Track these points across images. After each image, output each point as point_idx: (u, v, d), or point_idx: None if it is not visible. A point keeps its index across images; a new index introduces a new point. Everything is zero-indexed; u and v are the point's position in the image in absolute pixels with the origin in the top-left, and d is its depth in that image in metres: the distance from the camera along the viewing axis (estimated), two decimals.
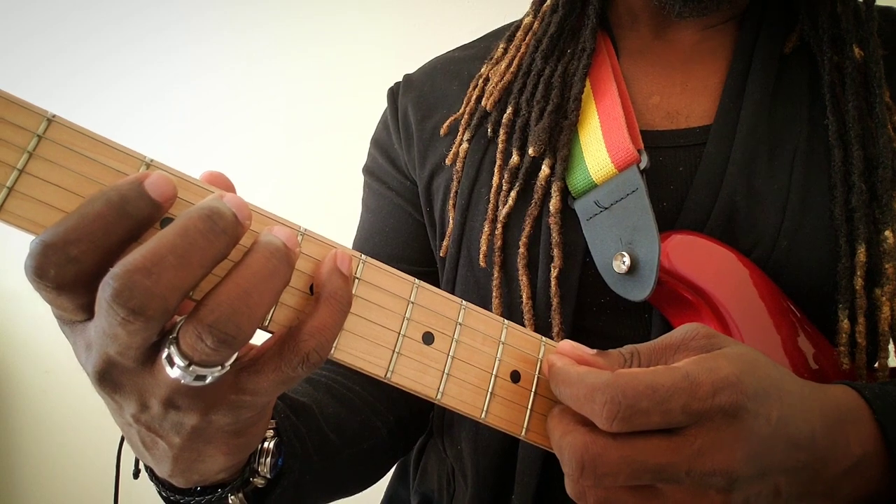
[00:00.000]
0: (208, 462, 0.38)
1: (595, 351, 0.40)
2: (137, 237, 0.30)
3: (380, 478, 0.66)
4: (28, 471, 1.98)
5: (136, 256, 0.28)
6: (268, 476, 0.45)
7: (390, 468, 0.68)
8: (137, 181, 0.30)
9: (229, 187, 0.35)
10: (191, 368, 0.30)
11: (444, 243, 0.64)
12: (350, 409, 0.60)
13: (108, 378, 0.32)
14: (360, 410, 0.61)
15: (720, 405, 0.34)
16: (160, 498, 0.45)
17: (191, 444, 0.36)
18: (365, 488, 0.63)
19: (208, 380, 0.31)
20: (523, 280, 0.56)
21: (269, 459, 0.45)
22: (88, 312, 0.31)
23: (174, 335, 0.30)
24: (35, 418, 1.95)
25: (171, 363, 0.30)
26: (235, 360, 0.32)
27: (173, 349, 0.30)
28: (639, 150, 0.53)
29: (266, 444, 0.46)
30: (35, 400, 1.94)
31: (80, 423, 1.86)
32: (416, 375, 0.37)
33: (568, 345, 0.41)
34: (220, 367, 0.31)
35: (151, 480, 0.43)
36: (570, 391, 0.37)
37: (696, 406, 0.33)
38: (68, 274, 0.29)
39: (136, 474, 0.45)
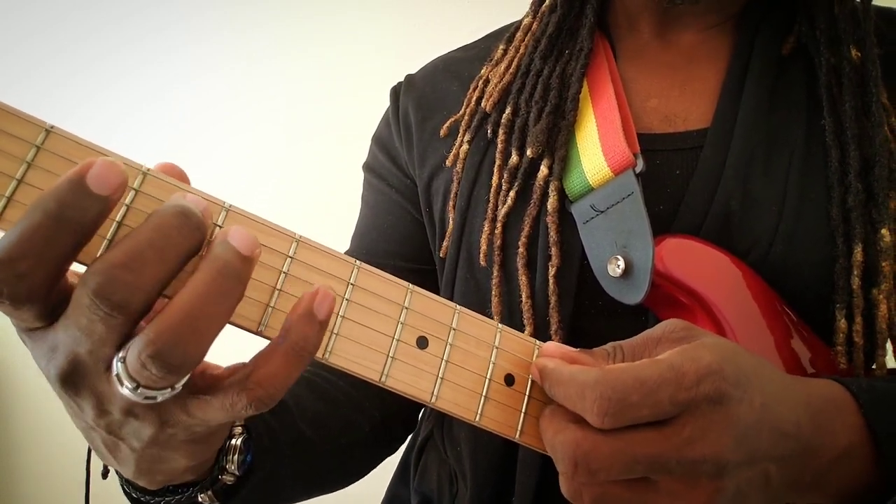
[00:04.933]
0: (171, 463, 0.38)
1: (579, 349, 0.41)
2: (90, 237, 0.29)
3: (362, 475, 0.66)
4: (28, 471, 1.99)
5: (115, 252, 0.29)
6: (236, 473, 0.45)
7: (374, 466, 0.68)
8: (78, 177, 0.28)
9: (183, 177, 0.34)
10: (139, 391, 0.30)
11: (444, 244, 0.64)
12: (330, 405, 0.60)
13: (71, 381, 0.32)
14: (341, 406, 0.61)
15: (705, 393, 0.34)
16: (128, 500, 0.45)
17: (151, 449, 0.36)
18: (348, 484, 0.63)
19: (158, 399, 0.31)
20: (523, 279, 0.56)
21: (237, 457, 0.45)
22: (48, 319, 0.31)
23: (122, 355, 0.30)
24: (35, 418, 1.95)
25: (121, 382, 0.30)
26: (188, 380, 0.32)
27: (121, 370, 0.30)
28: (635, 154, 0.53)
29: (234, 441, 0.46)
30: (35, 400, 1.94)
31: None
32: (411, 379, 0.37)
33: (553, 345, 0.41)
34: (169, 389, 0.31)
35: (120, 482, 0.43)
36: (563, 390, 0.37)
37: (682, 396, 0.34)
38: (21, 290, 0.29)
39: (105, 474, 0.45)
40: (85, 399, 0.33)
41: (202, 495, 0.43)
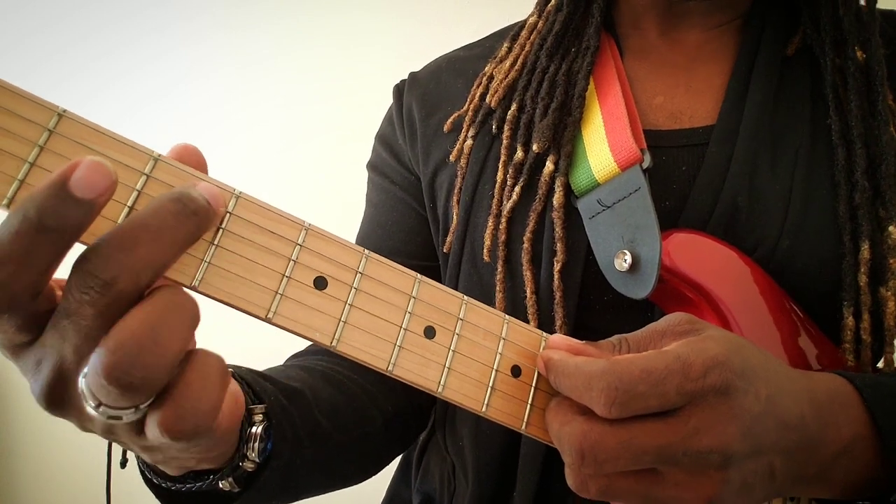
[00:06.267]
0: (181, 462, 0.37)
1: (585, 342, 0.41)
2: (76, 240, 0.28)
3: (378, 470, 0.65)
4: (28, 471, 1.98)
5: (110, 233, 0.28)
6: (257, 460, 0.45)
7: (389, 461, 0.68)
8: (60, 181, 0.26)
9: (200, 161, 0.34)
10: (100, 409, 0.28)
11: (448, 239, 0.64)
12: (345, 396, 0.59)
13: (55, 397, 0.30)
14: (356, 398, 0.60)
15: (712, 384, 0.35)
16: (149, 489, 0.44)
17: (153, 454, 0.35)
18: (362, 479, 0.63)
19: (124, 420, 0.29)
20: (527, 275, 0.56)
21: (257, 444, 0.45)
22: (32, 332, 0.30)
23: (86, 370, 0.28)
24: (35, 418, 1.95)
25: (86, 400, 0.28)
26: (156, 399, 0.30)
27: (84, 386, 0.28)
28: (642, 150, 0.53)
29: (255, 429, 0.45)
30: (35, 400, 1.93)
31: None
32: (418, 369, 0.37)
33: (559, 338, 0.41)
34: (132, 410, 0.29)
35: (141, 469, 0.43)
36: (569, 382, 0.37)
37: (689, 386, 0.34)
38: (2, 298, 0.27)
39: (124, 464, 0.44)
40: (71, 418, 0.32)
41: (223, 482, 0.43)
